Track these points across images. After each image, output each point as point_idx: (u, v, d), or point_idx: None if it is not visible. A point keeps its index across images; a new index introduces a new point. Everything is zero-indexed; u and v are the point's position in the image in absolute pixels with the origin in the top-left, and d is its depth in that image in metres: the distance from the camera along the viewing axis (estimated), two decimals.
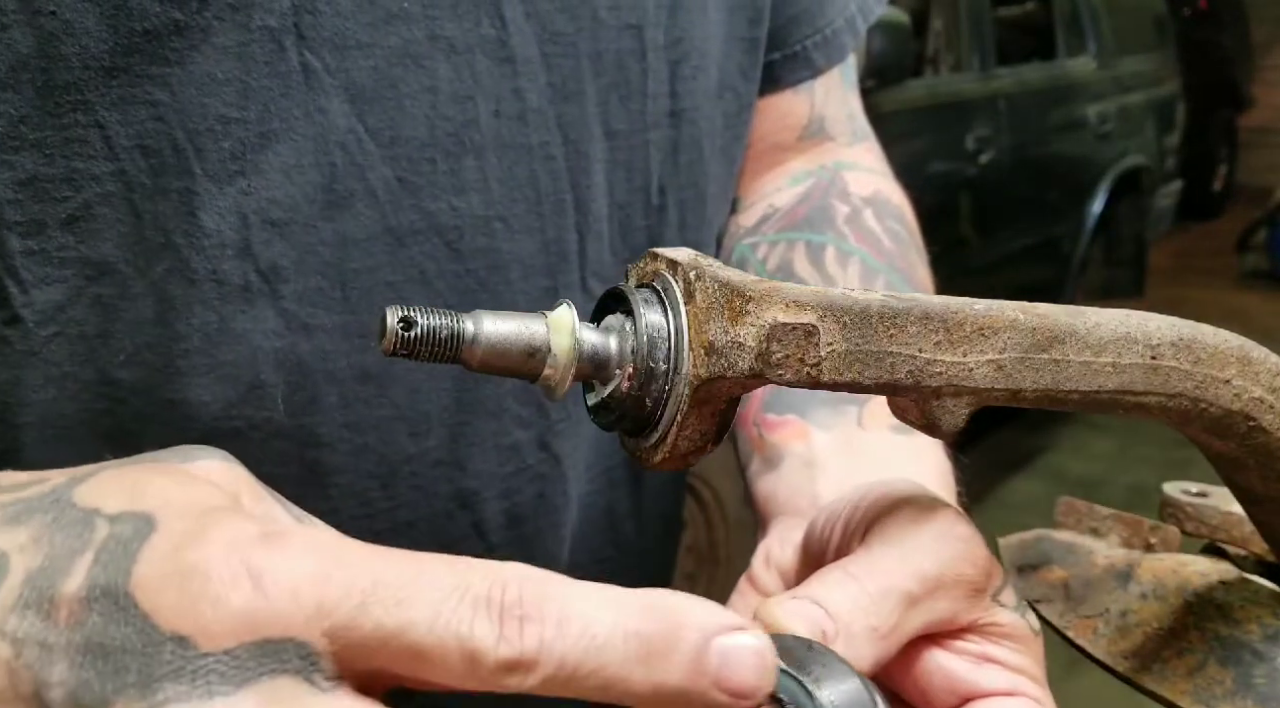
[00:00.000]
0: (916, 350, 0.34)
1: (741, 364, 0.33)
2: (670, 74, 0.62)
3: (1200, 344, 0.36)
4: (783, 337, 0.33)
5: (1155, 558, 0.47)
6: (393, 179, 0.52)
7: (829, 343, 0.33)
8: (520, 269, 0.57)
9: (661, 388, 0.35)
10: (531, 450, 0.61)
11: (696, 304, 0.34)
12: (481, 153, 0.54)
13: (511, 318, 0.36)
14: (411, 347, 0.35)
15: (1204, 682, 0.38)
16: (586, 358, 0.36)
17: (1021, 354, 0.34)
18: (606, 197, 0.60)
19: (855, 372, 0.33)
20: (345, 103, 0.50)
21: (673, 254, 0.36)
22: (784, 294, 0.33)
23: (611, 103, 0.59)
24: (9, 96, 0.43)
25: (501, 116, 0.54)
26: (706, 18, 0.64)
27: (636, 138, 0.61)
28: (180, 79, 0.46)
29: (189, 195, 0.47)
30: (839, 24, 0.74)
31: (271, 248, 0.49)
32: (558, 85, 0.57)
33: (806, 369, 0.33)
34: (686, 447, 0.35)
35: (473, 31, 0.53)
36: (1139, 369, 0.35)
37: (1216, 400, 0.36)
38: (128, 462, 0.35)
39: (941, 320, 0.34)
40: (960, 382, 0.34)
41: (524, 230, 0.57)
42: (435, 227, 0.53)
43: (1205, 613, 0.41)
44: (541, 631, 0.28)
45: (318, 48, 0.49)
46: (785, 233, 0.71)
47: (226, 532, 0.29)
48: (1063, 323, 0.35)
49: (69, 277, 0.46)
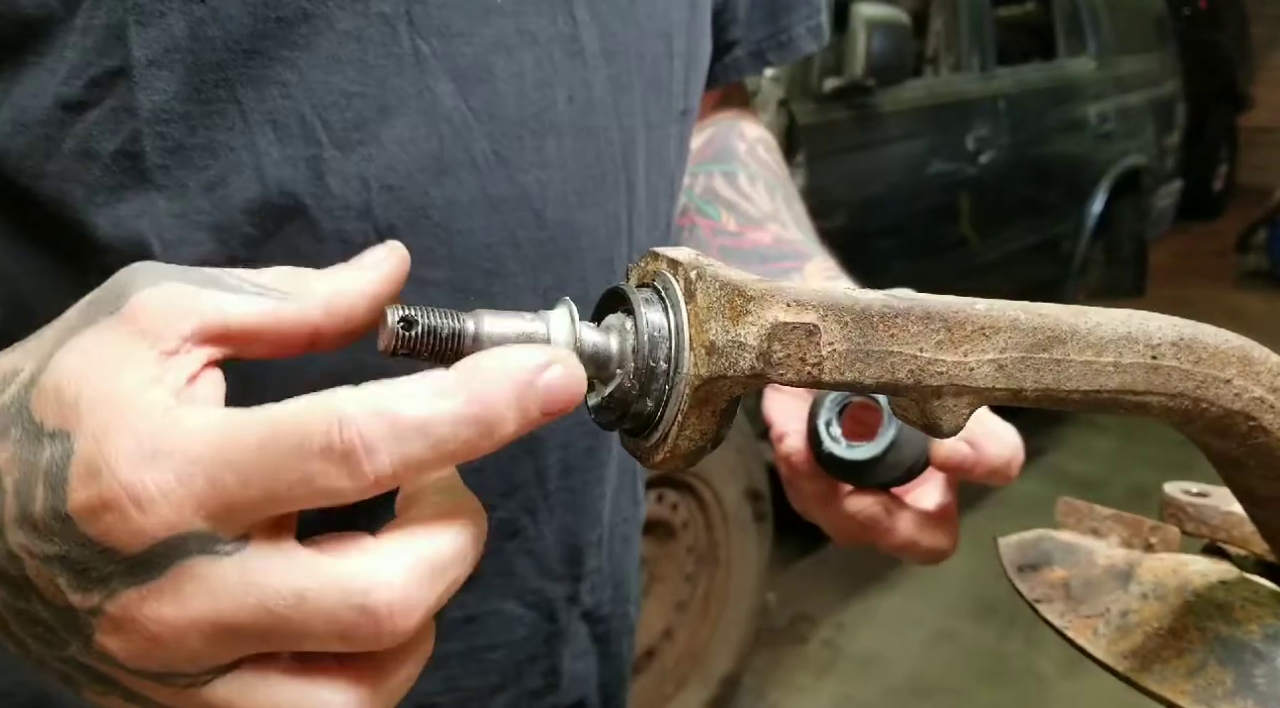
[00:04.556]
0: (918, 350, 0.33)
1: (743, 364, 0.33)
2: (685, 78, 0.71)
3: (1201, 344, 0.36)
4: (784, 336, 0.33)
5: (1156, 558, 0.47)
6: (490, 152, 0.58)
7: (830, 342, 0.33)
8: (589, 238, 0.64)
9: (662, 387, 0.35)
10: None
11: (697, 303, 0.34)
12: (560, 133, 0.61)
13: (511, 317, 0.36)
14: (412, 346, 0.35)
15: (1204, 682, 0.38)
16: (587, 357, 0.36)
17: (1023, 354, 0.34)
18: (646, 181, 0.68)
19: (856, 371, 0.33)
20: (450, 83, 0.56)
21: (674, 254, 0.36)
22: (785, 294, 0.33)
23: (650, 98, 0.67)
24: (163, 74, 0.50)
25: (574, 102, 0.61)
26: (704, 34, 0.74)
27: (664, 131, 0.70)
28: (307, 61, 0.52)
29: (317, 162, 0.53)
30: (756, 42, 0.85)
31: (389, 210, 0.55)
32: (615, 79, 0.64)
33: (808, 369, 0.33)
34: (687, 446, 0.35)
35: (551, 27, 0.60)
36: (1140, 369, 0.35)
37: (1217, 400, 0.36)
38: (68, 336, 0.37)
39: (943, 320, 0.34)
40: (961, 381, 0.34)
41: (591, 204, 0.63)
42: (525, 196, 0.60)
43: (1206, 613, 0.41)
44: (387, 456, 0.32)
45: (426, 34, 0.55)
46: (703, 165, 0.84)
47: (117, 454, 0.34)
48: (1064, 323, 0.35)
49: (204, 240, 0.52)
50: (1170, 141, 5.42)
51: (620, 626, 0.79)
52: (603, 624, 0.76)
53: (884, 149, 3.32)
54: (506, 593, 0.68)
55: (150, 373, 0.35)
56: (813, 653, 3.06)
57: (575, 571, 0.72)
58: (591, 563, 0.73)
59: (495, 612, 0.68)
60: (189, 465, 0.33)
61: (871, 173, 3.27)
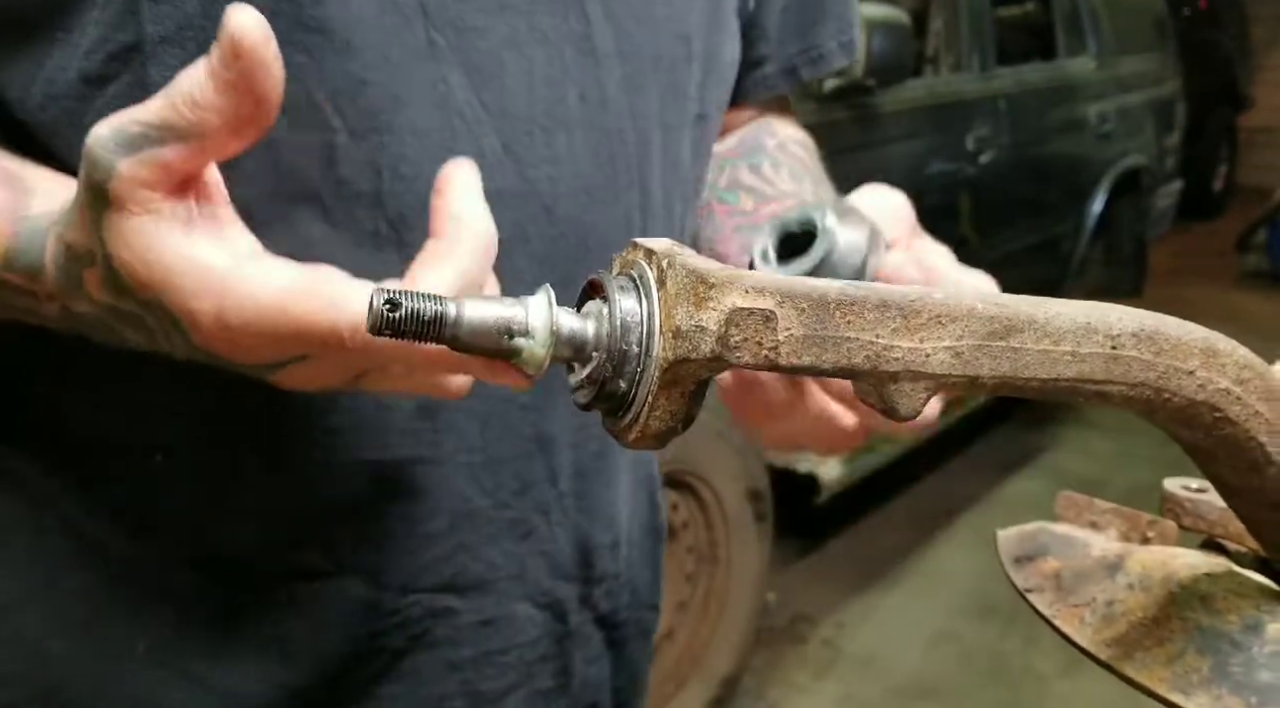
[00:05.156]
0: (874, 337, 0.35)
1: (704, 347, 0.34)
2: (701, 81, 0.71)
3: (1163, 335, 0.36)
4: (740, 321, 0.34)
5: (1146, 551, 0.48)
6: (500, 147, 0.59)
7: (786, 328, 0.34)
8: (599, 236, 0.64)
9: (634, 370, 0.36)
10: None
11: (667, 290, 0.35)
12: (571, 131, 0.62)
13: (493, 302, 0.39)
14: (396, 327, 0.37)
15: (1181, 670, 0.38)
16: (564, 341, 0.38)
17: (979, 342, 0.35)
18: (660, 182, 0.69)
19: (813, 355, 0.34)
20: (463, 76, 0.57)
21: (651, 244, 0.38)
22: (744, 281, 0.35)
23: (666, 100, 0.68)
24: (175, 51, 0.51)
25: (586, 101, 0.62)
26: (728, 40, 0.73)
27: (680, 133, 0.70)
28: (319, 44, 0.53)
29: (330, 148, 0.54)
30: (785, 60, 0.85)
31: (400, 199, 0.56)
32: (629, 79, 0.64)
33: (764, 352, 0.34)
34: (658, 426, 0.36)
35: (563, 25, 0.60)
36: (1099, 359, 0.36)
37: (1180, 391, 0.36)
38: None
39: (899, 308, 0.35)
40: (917, 367, 0.35)
41: (602, 202, 0.64)
42: (534, 192, 0.60)
43: (1188, 604, 0.41)
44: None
45: (441, 26, 0.56)
46: (729, 161, 0.83)
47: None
48: (1022, 313, 0.36)
49: None
50: (1170, 142, 5.42)
51: (636, 631, 0.79)
52: (618, 630, 0.76)
53: (884, 149, 3.32)
54: (519, 595, 0.69)
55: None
56: (813, 653, 3.06)
57: (587, 573, 0.72)
58: (606, 567, 0.73)
59: (508, 615, 0.68)
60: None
61: (872, 173, 3.22)
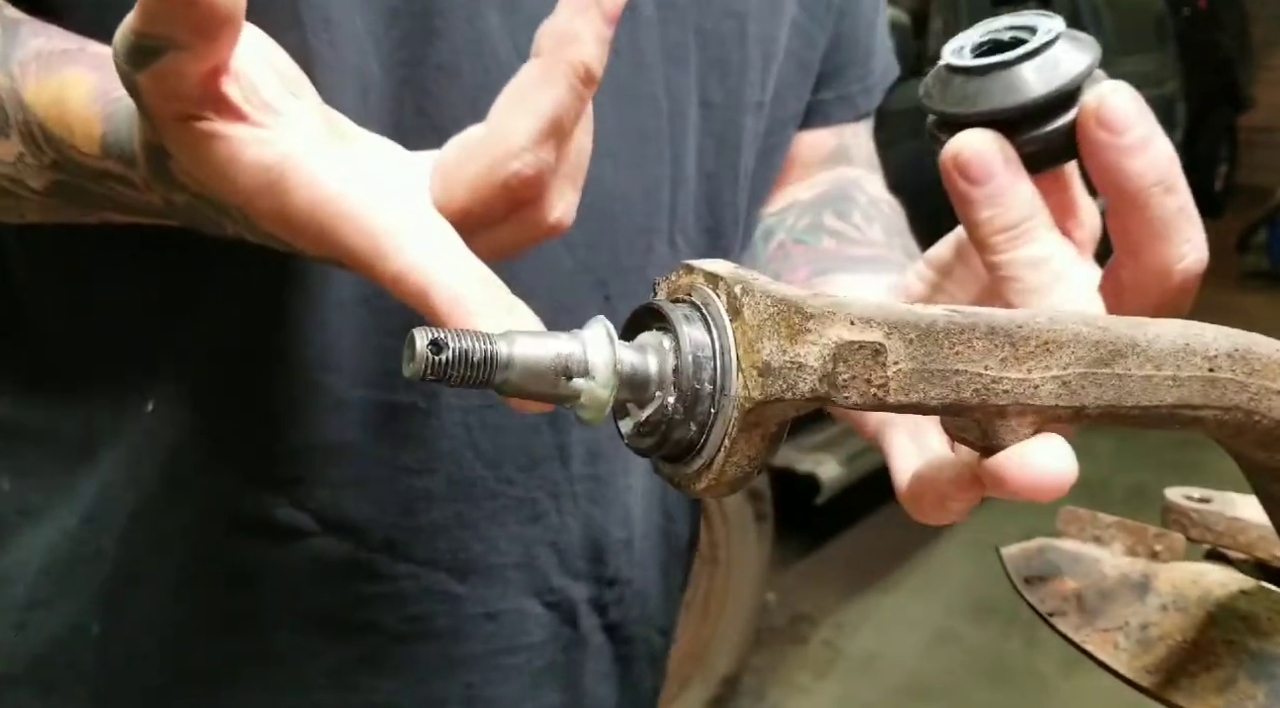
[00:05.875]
0: (983, 368, 0.32)
1: (802, 386, 0.31)
2: (763, 67, 0.69)
3: (1255, 355, 0.34)
4: (849, 356, 0.31)
5: (1170, 568, 0.47)
6: None
7: (895, 362, 0.31)
8: (622, 204, 0.62)
9: (707, 411, 0.32)
10: None
11: (745, 320, 0.32)
12: (600, 91, 0.58)
13: (546, 338, 0.33)
14: (442, 371, 0.32)
15: (1236, 698, 0.37)
16: (625, 379, 0.33)
17: (1085, 369, 0.33)
18: (696, 160, 0.67)
19: (920, 392, 0.31)
20: (499, 15, 0.56)
21: (711, 266, 0.34)
22: (848, 310, 0.31)
23: (710, 77, 0.65)
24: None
25: (621, 59, 0.59)
26: (785, 25, 0.71)
27: (730, 115, 0.67)
28: None
29: (362, 74, 0.53)
30: (878, 77, 0.84)
31: (423, 139, 0.52)
32: (668, 48, 0.63)
33: (873, 391, 0.31)
34: (734, 473, 0.33)
35: None
36: (1197, 382, 0.34)
37: (1269, 412, 0.35)
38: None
39: (1007, 335, 0.32)
40: (1026, 400, 0.32)
41: (627, 169, 0.62)
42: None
43: (1231, 626, 0.40)
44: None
45: None
46: (811, 208, 0.76)
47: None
48: (1124, 335, 0.33)
49: None
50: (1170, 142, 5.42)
51: (644, 651, 0.76)
52: (626, 645, 0.74)
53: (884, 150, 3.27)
54: (526, 589, 0.67)
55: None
56: (813, 653, 3.06)
57: (598, 571, 0.70)
58: (619, 569, 0.71)
59: (515, 609, 0.66)
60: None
61: None
